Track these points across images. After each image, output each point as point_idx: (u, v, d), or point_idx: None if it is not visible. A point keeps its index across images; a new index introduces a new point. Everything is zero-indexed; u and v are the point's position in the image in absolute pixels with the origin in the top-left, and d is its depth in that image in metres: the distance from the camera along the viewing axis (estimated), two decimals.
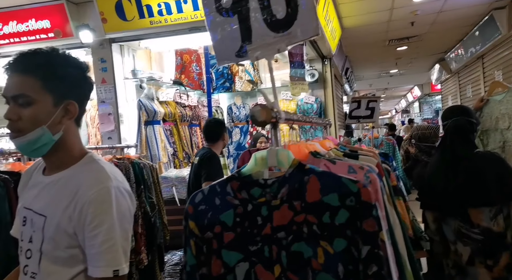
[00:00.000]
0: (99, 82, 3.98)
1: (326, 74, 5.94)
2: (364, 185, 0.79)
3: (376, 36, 6.58)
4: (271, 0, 0.92)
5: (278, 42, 0.92)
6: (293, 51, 3.80)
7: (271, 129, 0.93)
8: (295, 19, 0.91)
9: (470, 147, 2.18)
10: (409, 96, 17.76)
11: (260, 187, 0.86)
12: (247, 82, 5.92)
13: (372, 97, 3.32)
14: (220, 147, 3.14)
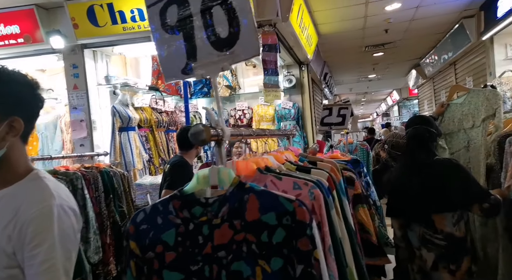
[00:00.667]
0: (71, 89, 3.92)
1: (304, 79, 6.00)
2: (300, 204, 0.80)
3: (353, 43, 6.69)
4: (214, 20, 0.93)
5: (222, 61, 0.93)
6: (266, 58, 3.82)
7: (216, 148, 0.93)
8: (237, 39, 0.92)
9: (429, 154, 2.25)
10: (389, 100, 18.11)
11: (201, 206, 0.87)
12: (225, 87, 5.92)
13: (343, 104, 3.37)
14: (193, 155, 3.13)
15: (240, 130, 1.08)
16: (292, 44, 4.87)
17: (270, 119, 5.85)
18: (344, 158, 3.24)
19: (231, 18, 0.92)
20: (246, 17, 0.91)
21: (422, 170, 2.24)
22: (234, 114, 5.89)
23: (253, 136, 1.19)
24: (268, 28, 3.81)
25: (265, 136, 1.40)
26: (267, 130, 1.41)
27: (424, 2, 4.95)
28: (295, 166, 1.30)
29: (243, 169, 1.04)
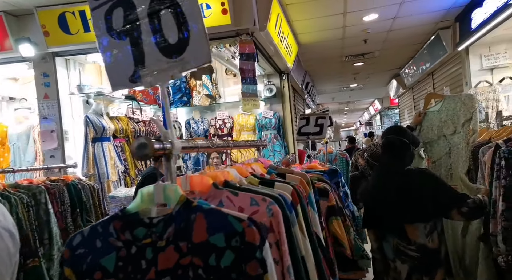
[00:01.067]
0: (41, 98, 3.78)
1: (284, 89, 5.98)
2: (249, 224, 0.74)
3: (333, 52, 6.74)
4: (162, 25, 0.86)
5: (172, 68, 0.87)
6: (244, 67, 3.78)
7: (164, 162, 0.86)
8: (187, 45, 0.86)
9: (401, 164, 2.23)
10: (371, 109, 18.35)
11: (145, 227, 0.79)
12: (205, 96, 5.85)
13: (320, 114, 3.34)
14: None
15: (196, 143, 1.01)
16: (271, 54, 4.85)
17: (251, 129, 5.80)
18: (321, 168, 3.20)
19: (180, 23, 0.85)
20: (196, 22, 0.85)
21: (394, 180, 2.22)
22: (215, 123, 5.82)
23: (212, 148, 1.12)
24: (245, 37, 3.78)
25: (228, 148, 1.33)
26: (230, 142, 1.35)
27: (400, 13, 5.02)
28: (259, 180, 1.24)
29: (198, 184, 0.97)
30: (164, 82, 0.88)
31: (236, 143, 1.46)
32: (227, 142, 1.34)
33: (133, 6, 0.87)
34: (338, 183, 3.17)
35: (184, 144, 0.92)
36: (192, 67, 0.87)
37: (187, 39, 0.86)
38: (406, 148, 2.25)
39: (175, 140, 0.87)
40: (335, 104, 15.74)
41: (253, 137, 5.83)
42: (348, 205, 3.39)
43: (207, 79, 5.84)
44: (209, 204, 0.79)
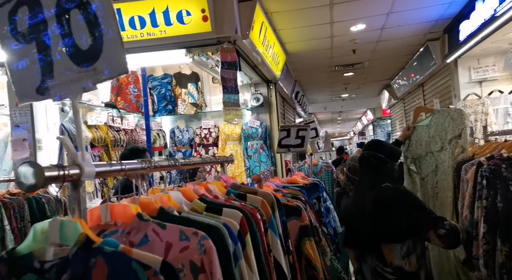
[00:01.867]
0: (13, 105, 3.62)
1: (272, 98, 5.87)
2: (155, 273, 0.60)
3: (322, 62, 6.66)
4: (72, 27, 0.73)
5: (83, 78, 0.73)
6: (225, 76, 3.66)
7: (72, 190, 0.72)
8: (100, 52, 0.73)
9: (378, 180, 2.11)
10: (364, 119, 18.35)
11: (35, 273, 0.65)
12: (190, 105, 5.72)
13: (301, 125, 3.22)
14: None
15: (123, 165, 0.87)
16: (256, 62, 4.74)
17: (237, 138, 5.67)
18: (302, 182, 3.07)
19: (92, 26, 0.72)
20: (110, 25, 0.72)
21: (369, 197, 2.10)
22: (200, 132, 5.68)
23: (148, 170, 0.98)
24: (227, 45, 3.67)
25: (175, 167, 1.19)
26: (178, 161, 1.21)
27: (388, 23, 4.95)
28: (206, 205, 1.10)
29: (121, 214, 0.83)
30: (74, 95, 0.74)
31: (185, 162, 1.32)
32: (176, 160, 1.20)
33: (39, 4, 0.74)
34: (320, 198, 3.04)
35: (102, 167, 0.78)
36: (107, 78, 0.74)
37: (101, 46, 0.72)
38: (381, 163, 2.12)
39: (88, 163, 0.74)
40: (327, 114, 15.69)
41: (239, 147, 5.70)
42: (329, 221, 3.26)
43: (192, 87, 5.72)
44: (112, 244, 0.65)
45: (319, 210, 3.05)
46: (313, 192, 3.07)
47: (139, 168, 0.93)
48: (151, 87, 5.68)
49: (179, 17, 3.45)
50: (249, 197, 1.44)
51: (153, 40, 3.53)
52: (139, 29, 3.46)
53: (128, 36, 3.49)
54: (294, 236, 2.06)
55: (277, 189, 2.41)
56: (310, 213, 2.26)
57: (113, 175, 0.87)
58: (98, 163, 0.79)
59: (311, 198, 2.96)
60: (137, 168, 0.92)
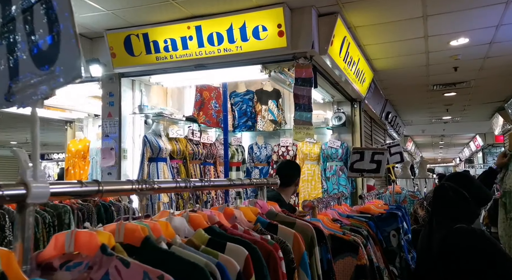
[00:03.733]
0: (106, 116, 3.97)
1: (355, 118, 5.51)
2: None
3: (417, 80, 6.05)
4: (35, 24, 0.67)
5: (43, 83, 0.66)
6: (299, 93, 3.50)
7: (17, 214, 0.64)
8: (58, 52, 0.64)
9: (451, 218, 1.70)
10: (472, 145, 16.31)
11: None
12: (269, 121, 5.68)
13: (377, 149, 2.87)
14: (290, 192, 2.85)
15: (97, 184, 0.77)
16: (338, 80, 4.48)
17: (315, 158, 5.42)
18: (377, 211, 2.72)
19: (51, 22, 0.64)
20: (67, 21, 0.63)
21: (437, 239, 1.71)
22: (277, 150, 5.58)
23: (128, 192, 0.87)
24: (303, 61, 3.51)
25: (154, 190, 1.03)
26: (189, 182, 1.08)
27: (498, 37, 4.26)
28: (210, 236, 0.94)
29: (85, 243, 0.73)
30: (34, 103, 0.67)
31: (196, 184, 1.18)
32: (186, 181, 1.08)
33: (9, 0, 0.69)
34: (399, 229, 2.65)
35: (57, 188, 0.69)
36: (62, 83, 0.65)
37: (58, 45, 0.64)
38: (461, 201, 1.71)
39: (41, 181, 0.65)
40: (426, 137, 14.30)
41: (317, 168, 5.43)
42: (413, 256, 2.82)
43: (273, 104, 5.68)
44: None
45: (398, 243, 2.66)
46: (390, 222, 2.69)
47: (120, 190, 0.83)
48: (233, 103, 5.80)
49: (255, 33, 3.43)
50: (281, 229, 1.24)
51: (230, 56, 3.57)
52: (216, 45, 3.53)
53: (207, 52, 3.58)
54: (348, 276, 1.77)
55: (336, 219, 2.13)
56: (372, 250, 1.94)
57: (80, 197, 0.77)
58: (61, 181, 0.70)
59: (385, 230, 2.59)
60: (90, 191, 0.81)
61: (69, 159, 5.67)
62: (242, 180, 1.56)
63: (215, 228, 1.00)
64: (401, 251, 2.59)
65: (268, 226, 1.26)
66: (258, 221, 1.27)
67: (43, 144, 10.01)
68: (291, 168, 2.89)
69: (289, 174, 2.77)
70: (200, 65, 3.74)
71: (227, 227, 1.07)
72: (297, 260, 1.20)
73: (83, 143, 5.64)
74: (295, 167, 2.96)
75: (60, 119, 6.10)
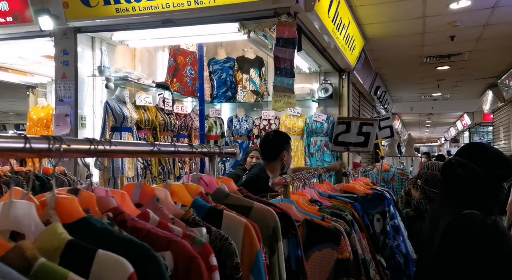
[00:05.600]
0: (59, 78, 3.47)
1: (343, 89, 5.10)
2: None
3: (410, 51, 5.64)
4: None
5: None
6: (280, 55, 3.05)
7: None
8: None
9: (458, 202, 1.34)
10: (459, 124, 16.18)
11: None
12: (251, 92, 5.23)
13: (366, 119, 2.48)
14: (276, 169, 2.49)
15: None
16: (325, 45, 4.04)
17: (299, 133, 5.04)
18: (362, 191, 2.37)
19: None
20: None
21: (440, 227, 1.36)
22: (259, 123, 5.17)
23: None
24: (285, 18, 3.05)
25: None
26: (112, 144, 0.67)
27: (502, 1, 3.84)
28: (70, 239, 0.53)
29: None
30: None
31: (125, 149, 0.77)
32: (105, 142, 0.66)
33: None
34: (385, 213, 2.31)
35: None
36: None
37: None
38: (472, 178, 1.34)
39: None
40: (414, 116, 14.06)
41: (301, 143, 5.06)
42: (398, 244, 2.50)
43: (255, 73, 5.22)
44: None
45: (383, 229, 2.32)
46: (375, 205, 2.35)
47: None
48: (211, 71, 5.32)
49: None
50: (227, 217, 0.84)
51: (202, 10, 3.07)
52: None
53: (175, 5, 3.08)
54: (326, 272, 1.41)
55: (315, 200, 1.76)
56: (356, 238, 1.57)
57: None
58: None
59: (370, 213, 2.25)
60: None
61: (31, 128, 5.16)
62: (196, 147, 1.14)
63: (93, 221, 0.59)
64: (386, 238, 2.26)
65: (208, 212, 0.86)
66: (194, 205, 0.86)
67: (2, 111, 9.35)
68: (277, 138, 2.53)
69: (274, 145, 2.43)
70: (168, 21, 3.24)
71: (127, 215, 0.66)
72: (247, 264, 0.81)
73: (46, 111, 5.12)
74: (282, 136, 2.61)
75: (21, 83, 5.55)
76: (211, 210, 0.85)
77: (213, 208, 0.85)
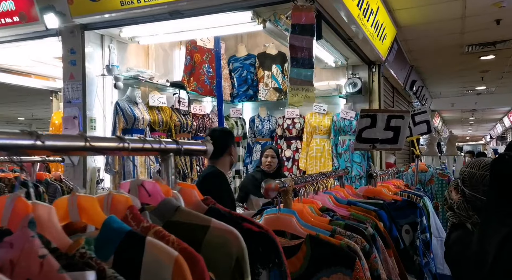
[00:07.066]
0: (67, 78, 3.33)
1: (373, 84, 4.68)
2: None
3: (449, 39, 5.10)
4: None
5: None
6: (296, 43, 2.72)
7: None
8: None
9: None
10: (506, 120, 14.96)
11: None
12: (273, 90, 4.93)
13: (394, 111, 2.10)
14: (226, 164, 2.46)
15: None
16: (351, 34, 3.66)
17: (325, 132, 4.67)
18: (390, 197, 2.00)
19: None
20: None
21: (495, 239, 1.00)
22: (282, 123, 4.85)
23: None
24: (302, 2, 2.72)
25: None
26: None
27: None
28: None
29: None
30: None
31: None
32: None
33: None
34: (415, 224, 1.95)
35: None
36: None
37: None
38: None
39: None
40: (455, 112, 13.11)
41: (327, 143, 4.68)
42: (428, 262, 2.11)
43: (277, 69, 4.91)
44: None
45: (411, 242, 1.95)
46: (405, 214, 1.99)
47: None
48: (232, 69, 5.07)
49: None
50: (151, 247, 0.54)
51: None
52: None
53: None
54: None
55: (327, 208, 1.42)
56: (379, 259, 1.22)
57: None
58: None
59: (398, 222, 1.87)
60: None
61: (53, 133, 5.13)
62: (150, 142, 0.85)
63: None
64: (414, 254, 1.87)
65: (125, 239, 0.56)
66: (104, 229, 0.56)
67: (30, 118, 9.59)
68: (221, 133, 2.58)
69: (220, 141, 2.38)
70: (176, 12, 3.01)
71: None
72: None
73: None
74: (226, 132, 2.75)
75: (44, 89, 5.56)
76: (129, 237, 0.55)
77: (133, 233, 0.56)
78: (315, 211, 1.32)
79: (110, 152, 0.70)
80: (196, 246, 0.63)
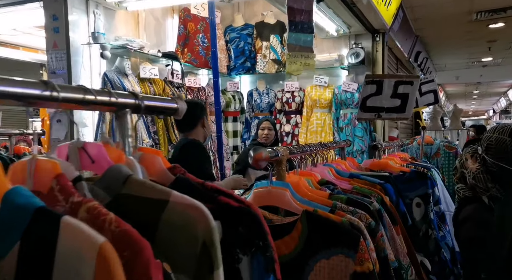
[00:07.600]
0: (50, 47, 3.12)
1: (377, 54, 4.45)
2: None
3: (457, 5, 4.82)
4: None
5: None
6: (294, 5, 2.48)
7: None
8: None
9: None
10: (510, 93, 14.66)
11: None
12: (271, 62, 4.69)
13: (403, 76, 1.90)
14: (199, 136, 2.38)
15: None
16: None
17: (326, 105, 4.49)
18: (397, 169, 1.85)
19: None
20: None
21: None
22: (281, 96, 4.66)
23: None
24: None
25: None
26: None
27: None
28: None
29: None
30: None
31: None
32: None
33: None
34: (427, 196, 1.80)
35: None
36: None
37: None
38: None
39: None
40: (459, 86, 12.83)
41: (328, 117, 4.50)
42: (444, 235, 1.98)
43: (276, 39, 4.66)
44: None
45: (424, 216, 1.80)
46: (415, 186, 1.84)
47: None
48: (228, 40, 4.82)
49: None
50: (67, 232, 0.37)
51: None
52: None
53: None
54: None
55: (326, 181, 1.26)
56: (387, 238, 1.07)
57: None
58: None
59: (407, 196, 1.72)
60: None
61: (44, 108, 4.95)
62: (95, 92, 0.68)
63: None
64: (429, 228, 1.73)
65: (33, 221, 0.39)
66: (4, 206, 0.40)
67: None
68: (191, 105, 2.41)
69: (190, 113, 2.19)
70: None
71: None
72: None
73: None
74: (197, 102, 2.70)
75: (33, 62, 5.32)
76: (39, 216, 0.39)
77: (44, 211, 0.39)
78: (313, 184, 1.16)
79: (33, 102, 0.52)
80: (150, 227, 0.47)
